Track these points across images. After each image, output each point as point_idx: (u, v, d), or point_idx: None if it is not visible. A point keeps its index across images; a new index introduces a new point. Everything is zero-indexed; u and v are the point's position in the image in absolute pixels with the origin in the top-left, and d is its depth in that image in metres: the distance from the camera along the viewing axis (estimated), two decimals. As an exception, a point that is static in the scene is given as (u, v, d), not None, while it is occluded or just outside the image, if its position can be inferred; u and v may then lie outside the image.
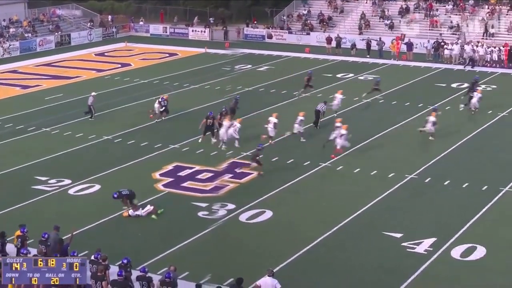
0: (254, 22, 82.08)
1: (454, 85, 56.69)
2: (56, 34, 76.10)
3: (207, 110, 47.38)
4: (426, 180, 35.94)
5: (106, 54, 71.78)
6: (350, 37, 73.58)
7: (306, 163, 37.93)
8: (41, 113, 48.25)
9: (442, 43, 68.32)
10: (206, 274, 25.72)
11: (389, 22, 76.17)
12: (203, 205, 32.56)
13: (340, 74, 60.94)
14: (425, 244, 28.66)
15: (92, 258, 24.46)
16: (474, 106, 47.80)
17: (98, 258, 24.34)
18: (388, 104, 50.17)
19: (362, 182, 35.77)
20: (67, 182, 35.24)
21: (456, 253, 28.06)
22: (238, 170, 36.71)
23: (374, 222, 30.95)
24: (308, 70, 57.20)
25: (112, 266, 24.59)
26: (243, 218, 31.34)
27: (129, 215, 30.97)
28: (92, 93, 47.70)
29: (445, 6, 77.63)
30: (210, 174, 36.47)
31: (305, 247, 28.35)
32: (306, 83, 53.09)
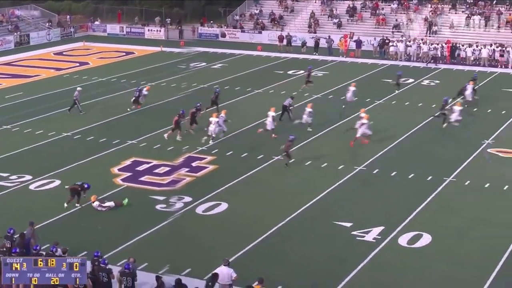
0: (204, 22, 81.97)
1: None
2: (15, 34, 75.10)
3: (164, 107, 47.51)
4: (374, 171, 36.19)
5: (64, 53, 71.04)
6: (300, 35, 73.80)
7: (259, 157, 37.97)
8: (1, 111, 47.63)
9: (387, 41, 68.92)
10: (164, 265, 25.65)
11: (337, 20, 76.55)
12: (161, 198, 32.45)
13: (291, 71, 61.10)
14: (373, 232, 28.86)
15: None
16: (469, 97, 48.42)
17: (53, 251, 24.20)
18: (337, 99, 50.37)
19: (313, 174, 35.89)
20: (28, 178, 34.84)
21: (403, 240, 28.29)
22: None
23: (325, 212, 31.08)
24: (308, 66, 57.38)
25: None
26: (200, 210, 31.28)
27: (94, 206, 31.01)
28: (77, 88, 47.86)
29: (390, 5, 78.25)
30: (167, 168, 36.35)
31: (259, 238, 28.38)
32: (307, 79, 53.46)
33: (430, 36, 71.52)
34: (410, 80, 56.26)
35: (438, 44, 67.10)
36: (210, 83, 55.34)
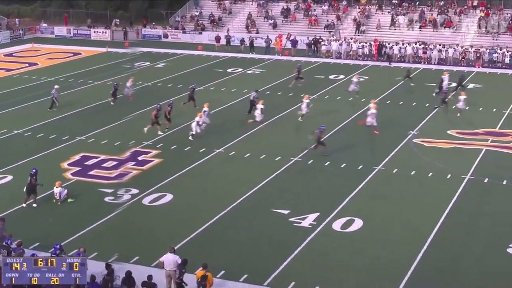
0: (145, 23, 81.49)
1: (331, 76, 57.67)
2: (-35, 37, 73.84)
3: (110, 104, 47.04)
4: (309, 162, 36.40)
5: (14, 54, 69.83)
6: (238, 35, 73.74)
7: (202, 150, 37.90)
8: (-46, 110, 46.79)
9: (320, 40, 69.36)
10: (114, 253, 25.48)
11: (272, 21, 76.74)
12: (109, 191, 32.20)
13: (230, 69, 61.09)
14: (309, 218, 29.07)
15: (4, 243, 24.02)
16: (445, 88, 49.38)
17: (8, 243, 23.89)
18: (273, 95, 50.52)
19: (253, 166, 35.97)
20: (-19, 174, 34.34)
21: (336, 225, 28.55)
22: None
23: (264, 201, 31.20)
24: (297, 64, 57.76)
25: (26, 250, 24.38)
26: (146, 201, 31.12)
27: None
28: (55, 86, 47.50)
29: (321, 7, 78.71)
30: (114, 163, 36.08)
31: (202, 226, 28.37)
32: (297, 75, 53.46)
33: (358, 35, 72.19)
34: (341, 76, 56.66)
35: (366, 42, 67.79)
36: (154, 82, 55.11)
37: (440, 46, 65.32)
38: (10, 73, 59.96)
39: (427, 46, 65.54)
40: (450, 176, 34.33)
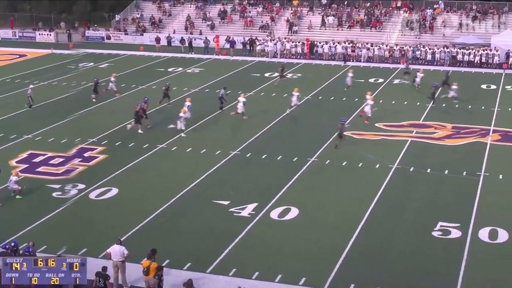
0: (86, 26, 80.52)
1: (266, 74, 57.83)
2: None
3: (55, 104, 46.48)
4: (247, 155, 36.47)
5: (-40, 57, 68.40)
6: (178, 36, 73.37)
7: (145, 146, 37.64)
8: None
9: (255, 40, 69.50)
10: (62, 246, 25.15)
11: (210, 23, 76.58)
12: (57, 186, 31.75)
13: (171, 68, 60.79)
14: (248, 208, 29.13)
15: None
16: (418, 84, 51.80)
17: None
18: (212, 92, 50.41)
19: (194, 160, 35.85)
20: None
21: (274, 214, 28.69)
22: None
23: (205, 193, 31.13)
24: (281, 64, 57.87)
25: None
26: (93, 196, 30.77)
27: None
28: (30, 86, 47.12)
29: (256, 9, 78.86)
30: (61, 159, 35.58)
31: (147, 218, 28.19)
32: (281, 74, 53.26)
33: (291, 35, 72.54)
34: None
35: (299, 42, 68.15)
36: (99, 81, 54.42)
37: (368, 44, 66.09)
38: (-43, 75, 58.56)
39: (355, 45, 66.22)
40: (378, 166, 34.78)
